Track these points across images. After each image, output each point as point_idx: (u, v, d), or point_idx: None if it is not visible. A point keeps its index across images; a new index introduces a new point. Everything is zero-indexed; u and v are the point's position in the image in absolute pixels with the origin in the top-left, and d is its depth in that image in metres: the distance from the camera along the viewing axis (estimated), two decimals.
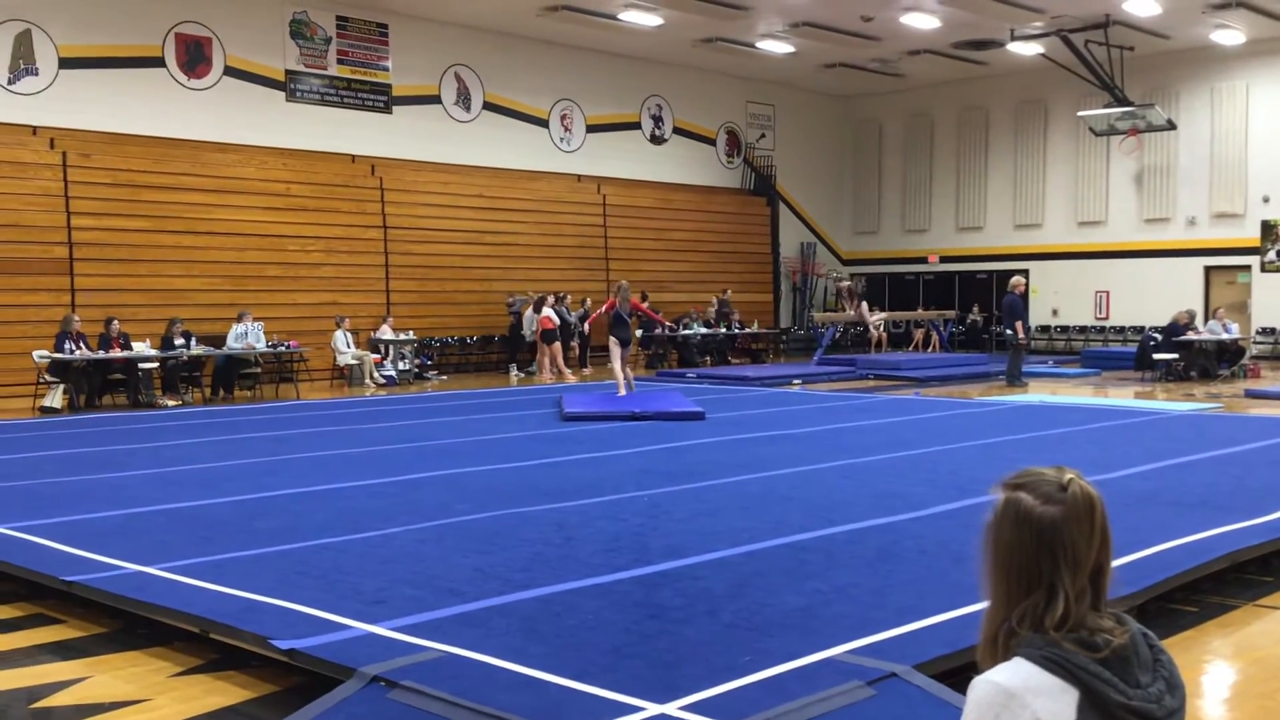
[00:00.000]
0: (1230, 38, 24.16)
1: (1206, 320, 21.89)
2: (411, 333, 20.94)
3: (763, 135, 30.02)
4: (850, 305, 24.44)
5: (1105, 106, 25.06)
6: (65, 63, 18.70)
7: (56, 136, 18.58)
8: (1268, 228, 25.10)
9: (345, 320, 19.81)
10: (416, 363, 20.82)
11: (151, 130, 19.69)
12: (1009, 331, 18.42)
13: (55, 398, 15.46)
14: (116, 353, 16.09)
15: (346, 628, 4.70)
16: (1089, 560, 1.68)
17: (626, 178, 26.67)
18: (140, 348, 16.50)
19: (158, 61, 19.75)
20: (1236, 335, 20.88)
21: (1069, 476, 1.71)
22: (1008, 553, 1.70)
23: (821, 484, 8.38)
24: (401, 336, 20.51)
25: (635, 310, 16.61)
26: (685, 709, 3.77)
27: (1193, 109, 25.93)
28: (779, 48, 25.54)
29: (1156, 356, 19.74)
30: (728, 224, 28.09)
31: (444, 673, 4.12)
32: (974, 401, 15.60)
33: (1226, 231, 25.69)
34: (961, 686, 1.89)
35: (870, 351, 25.10)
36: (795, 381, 19.28)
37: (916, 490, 7.99)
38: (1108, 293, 27.55)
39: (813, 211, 31.47)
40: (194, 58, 20.15)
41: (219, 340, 17.90)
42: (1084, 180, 27.78)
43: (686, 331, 24.13)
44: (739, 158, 29.62)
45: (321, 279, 21.01)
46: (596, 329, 23.51)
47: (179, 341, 16.85)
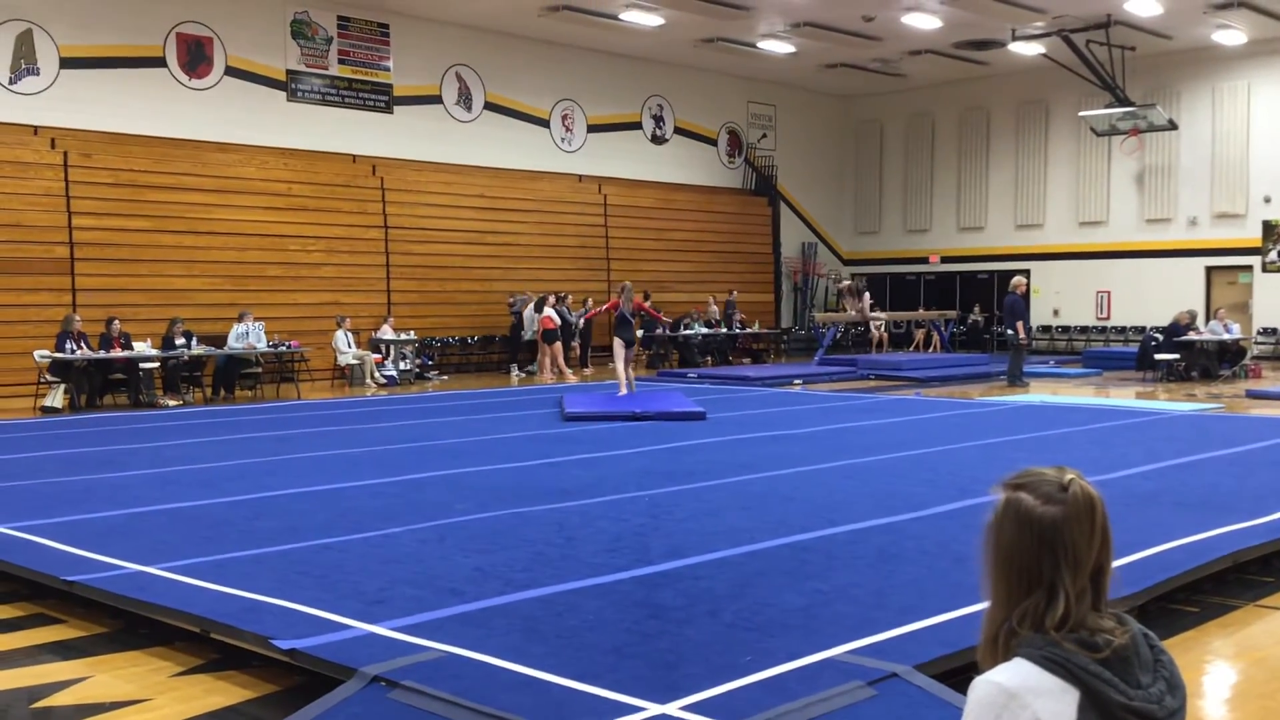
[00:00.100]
0: (1232, 38, 24.15)
1: (1208, 320, 21.88)
2: (412, 333, 20.94)
3: (764, 135, 30.02)
4: (851, 303, 24.41)
5: (1106, 106, 25.06)
6: (66, 62, 18.71)
7: (58, 136, 18.59)
8: (1269, 228, 25.09)
9: (346, 320, 19.81)
10: (417, 363, 20.82)
11: (152, 130, 19.70)
12: (1010, 332, 18.42)
13: (56, 397, 15.46)
14: (117, 352, 16.10)
15: (347, 628, 4.70)
16: (1089, 560, 1.68)
17: (628, 178, 26.67)
18: (141, 347, 16.51)
19: (159, 61, 19.76)
20: (1238, 335, 20.88)
21: (1069, 477, 1.71)
22: (1008, 553, 1.70)
23: (823, 484, 8.38)
24: (402, 336, 20.51)
25: (638, 310, 16.63)
26: (686, 709, 3.77)
27: (1194, 109, 25.92)
28: (780, 48, 25.54)
29: (1158, 357, 19.74)
30: (729, 224, 28.08)
31: (445, 673, 4.12)
32: (975, 402, 15.60)
33: (1228, 232, 25.68)
34: (962, 687, 1.89)
35: (871, 352, 25.09)
36: (796, 382, 19.28)
37: (917, 490, 7.99)
38: (1109, 293, 27.54)
39: (814, 211, 31.47)
40: (195, 58, 20.16)
41: (220, 340, 17.91)
42: (1085, 180, 27.77)
43: (688, 332, 24.13)
44: (740, 158, 29.62)
45: (322, 279, 21.01)
46: (597, 328, 23.58)
47: (180, 341, 16.86)
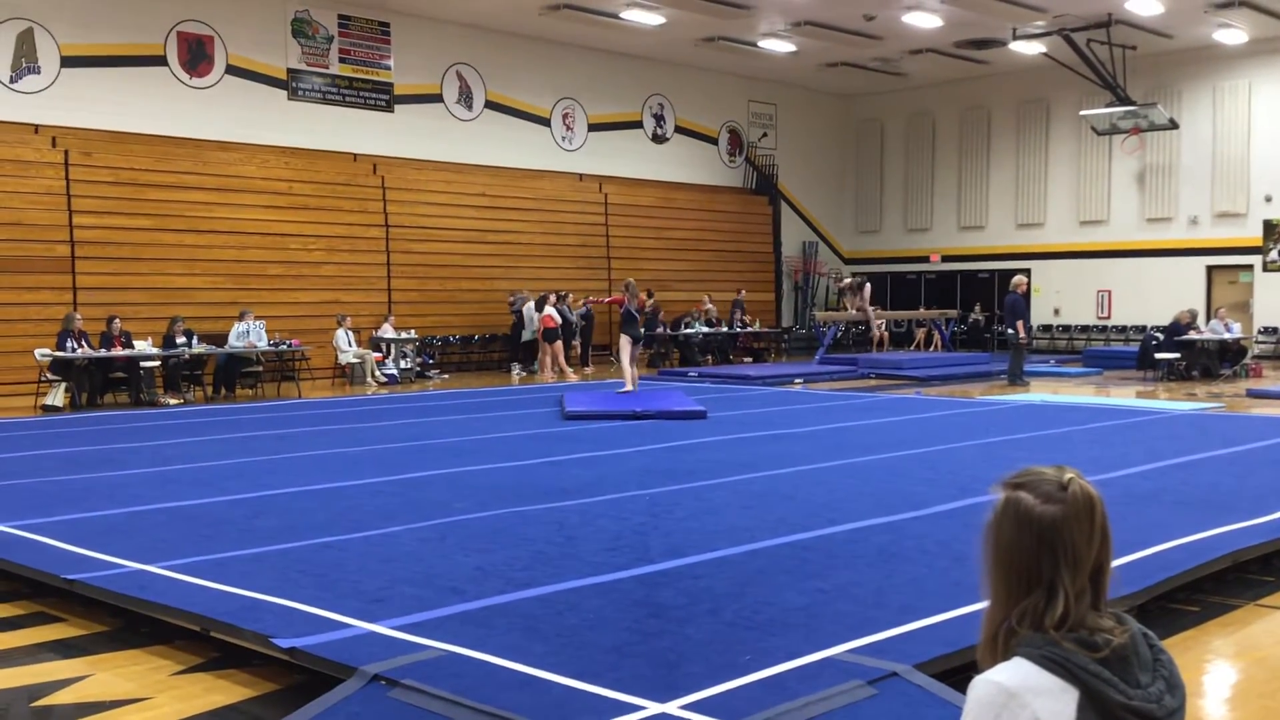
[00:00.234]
0: (1232, 37, 24.14)
1: (1208, 320, 21.87)
2: (413, 331, 20.94)
3: (764, 134, 30.01)
4: (852, 301, 24.39)
5: (1107, 106, 25.05)
6: (67, 61, 18.70)
7: (58, 135, 18.59)
8: (1270, 227, 25.08)
9: (347, 319, 19.81)
10: (418, 361, 20.82)
11: (153, 129, 19.70)
12: (1011, 331, 18.41)
13: (57, 396, 15.47)
14: (118, 351, 16.10)
15: (347, 626, 4.70)
16: (1089, 559, 1.68)
17: (628, 177, 26.66)
18: (142, 346, 16.52)
19: (160, 60, 19.76)
20: (1238, 335, 20.87)
21: (1069, 476, 1.71)
22: (1008, 552, 1.70)
23: (823, 483, 8.38)
24: (403, 335, 20.51)
25: (640, 307, 16.65)
26: (686, 708, 3.77)
27: (1195, 108, 25.91)
28: (781, 47, 25.53)
29: (1158, 356, 19.73)
30: (729, 223, 28.08)
31: (445, 671, 4.12)
32: (976, 401, 15.60)
33: (1228, 231, 25.67)
34: (962, 686, 1.89)
35: (872, 351, 25.09)
36: (797, 380, 19.27)
37: (918, 489, 7.99)
38: (1109, 292, 27.54)
39: (814, 210, 31.47)
40: (196, 56, 20.16)
41: (221, 339, 17.91)
42: (1086, 179, 27.76)
43: (688, 330, 24.13)
44: (741, 157, 29.61)
45: (323, 277, 21.01)
46: (598, 328, 23.59)
47: (180, 340, 16.87)
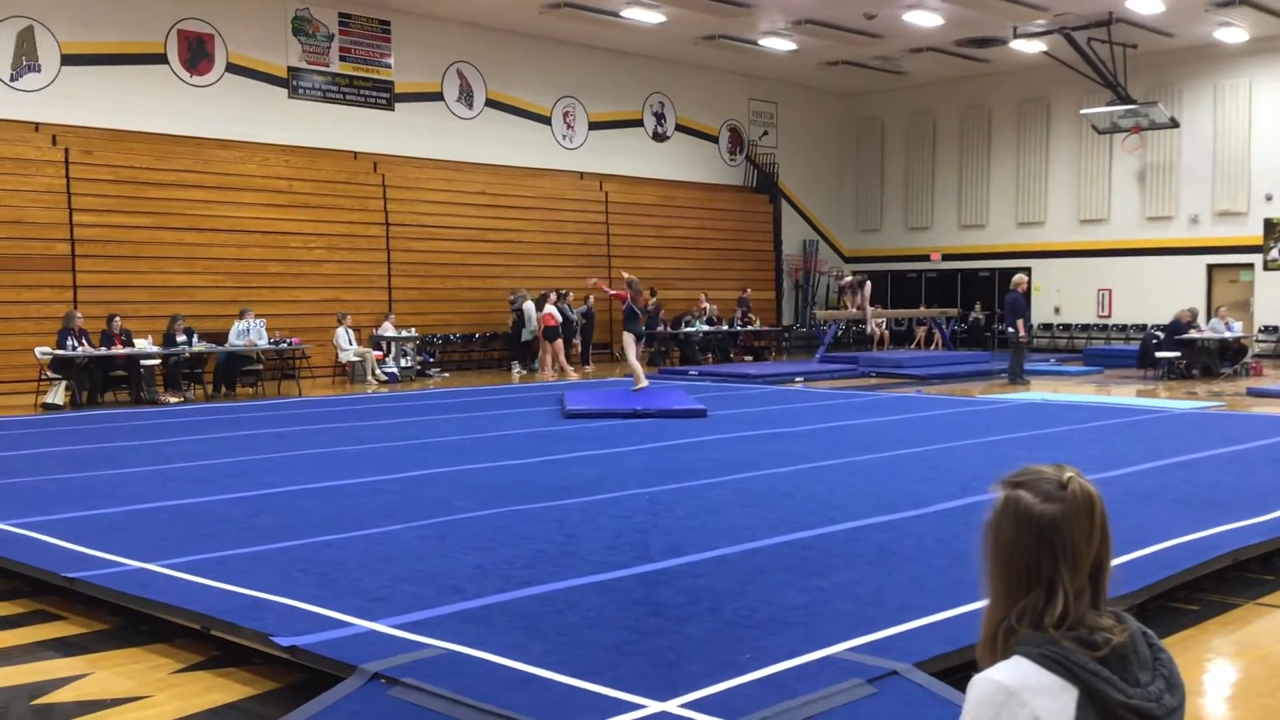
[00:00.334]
0: (1233, 35, 24.13)
1: (1209, 318, 21.87)
2: (413, 330, 20.93)
3: (765, 133, 30.00)
4: (852, 300, 24.38)
5: (1108, 104, 25.04)
6: (67, 59, 18.70)
7: (59, 133, 18.59)
8: (1270, 226, 25.07)
9: (347, 317, 19.81)
10: (419, 360, 20.82)
11: (154, 127, 19.70)
12: (1011, 329, 18.40)
13: (57, 394, 15.47)
14: (118, 349, 16.11)
15: (347, 625, 4.70)
16: (1088, 558, 1.68)
17: (629, 175, 26.66)
18: (142, 344, 16.53)
19: (160, 58, 19.75)
20: (1239, 333, 20.86)
21: (1069, 474, 1.71)
22: (1007, 551, 1.70)
23: (823, 481, 8.37)
24: (403, 333, 20.51)
25: (644, 305, 16.68)
26: (686, 706, 3.77)
27: (1195, 107, 25.90)
28: (781, 45, 25.52)
29: (1159, 355, 19.73)
30: (730, 221, 28.07)
31: (445, 670, 4.12)
32: (976, 399, 15.60)
33: (1229, 229, 25.66)
34: (962, 684, 1.89)
35: (872, 349, 25.10)
36: (797, 379, 19.27)
37: (918, 488, 7.99)
38: (1110, 290, 27.53)
39: (815, 209, 31.46)
40: (196, 54, 20.15)
41: (221, 337, 17.92)
42: (1087, 178, 27.75)
43: (689, 329, 24.13)
44: (741, 155, 29.61)
45: (323, 276, 21.01)
46: (598, 326, 23.61)
47: (181, 338, 16.87)
